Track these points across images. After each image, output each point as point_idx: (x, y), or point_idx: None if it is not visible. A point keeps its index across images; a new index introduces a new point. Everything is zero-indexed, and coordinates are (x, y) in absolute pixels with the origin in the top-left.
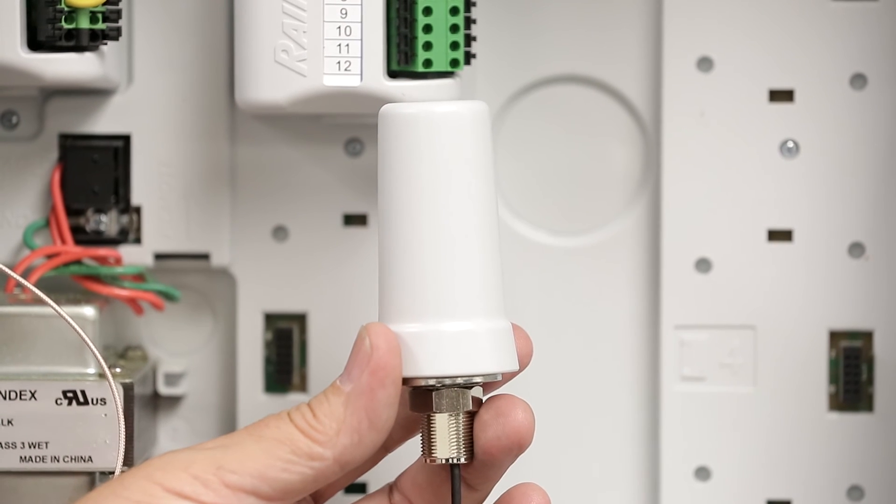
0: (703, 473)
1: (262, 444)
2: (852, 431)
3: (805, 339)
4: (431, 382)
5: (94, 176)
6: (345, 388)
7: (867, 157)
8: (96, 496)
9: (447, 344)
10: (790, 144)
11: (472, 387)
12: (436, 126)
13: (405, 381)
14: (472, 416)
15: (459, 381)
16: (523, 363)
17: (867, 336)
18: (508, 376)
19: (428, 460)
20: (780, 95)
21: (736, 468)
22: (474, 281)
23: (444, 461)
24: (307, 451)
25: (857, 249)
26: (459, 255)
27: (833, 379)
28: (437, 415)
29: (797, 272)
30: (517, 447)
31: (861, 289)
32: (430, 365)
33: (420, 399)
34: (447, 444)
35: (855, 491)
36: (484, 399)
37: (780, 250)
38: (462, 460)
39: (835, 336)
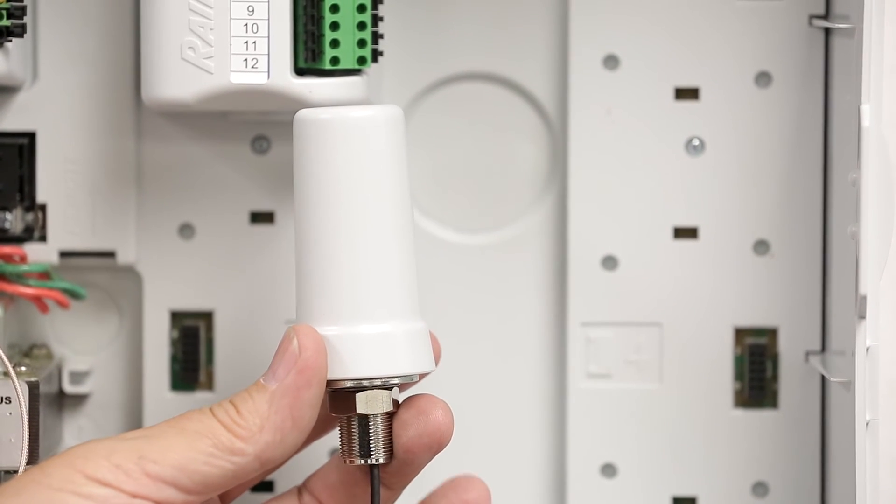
0: (609, 470)
1: (185, 437)
2: (757, 428)
3: (710, 336)
4: (350, 385)
5: None
6: (270, 387)
7: (772, 155)
8: (16, 484)
9: (366, 346)
10: (696, 142)
11: (391, 388)
12: (350, 131)
13: None
14: (390, 416)
15: (378, 382)
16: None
17: (772, 333)
18: (423, 375)
19: (347, 461)
20: (686, 93)
21: (642, 465)
22: (391, 284)
23: (364, 462)
24: (229, 446)
25: (761, 247)
26: (375, 259)
27: (738, 376)
28: (356, 416)
29: (703, 270)
30: (437, 445)
31: (766, 286)
32: (349, 367)
33: (339, 401)
34: (367, 445)
35: (760, 487)
36: (401, 399)
37: (686, 248)
38: (381, 460)
39: (740, 333)
